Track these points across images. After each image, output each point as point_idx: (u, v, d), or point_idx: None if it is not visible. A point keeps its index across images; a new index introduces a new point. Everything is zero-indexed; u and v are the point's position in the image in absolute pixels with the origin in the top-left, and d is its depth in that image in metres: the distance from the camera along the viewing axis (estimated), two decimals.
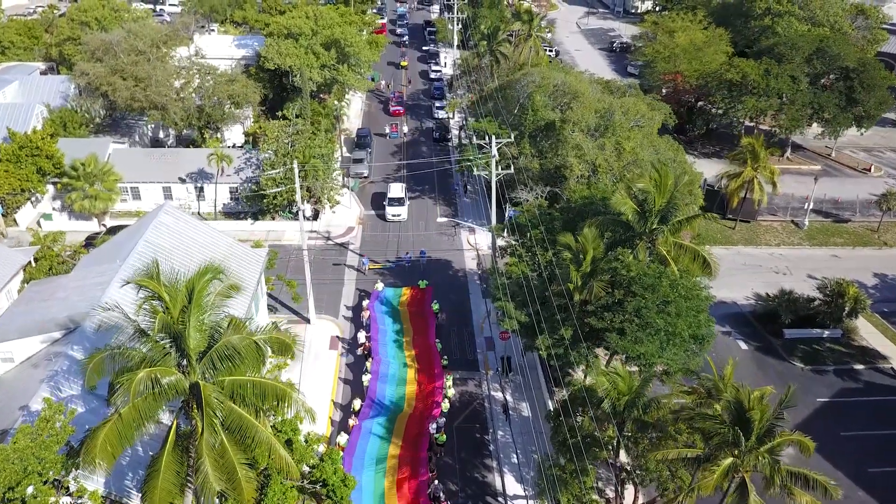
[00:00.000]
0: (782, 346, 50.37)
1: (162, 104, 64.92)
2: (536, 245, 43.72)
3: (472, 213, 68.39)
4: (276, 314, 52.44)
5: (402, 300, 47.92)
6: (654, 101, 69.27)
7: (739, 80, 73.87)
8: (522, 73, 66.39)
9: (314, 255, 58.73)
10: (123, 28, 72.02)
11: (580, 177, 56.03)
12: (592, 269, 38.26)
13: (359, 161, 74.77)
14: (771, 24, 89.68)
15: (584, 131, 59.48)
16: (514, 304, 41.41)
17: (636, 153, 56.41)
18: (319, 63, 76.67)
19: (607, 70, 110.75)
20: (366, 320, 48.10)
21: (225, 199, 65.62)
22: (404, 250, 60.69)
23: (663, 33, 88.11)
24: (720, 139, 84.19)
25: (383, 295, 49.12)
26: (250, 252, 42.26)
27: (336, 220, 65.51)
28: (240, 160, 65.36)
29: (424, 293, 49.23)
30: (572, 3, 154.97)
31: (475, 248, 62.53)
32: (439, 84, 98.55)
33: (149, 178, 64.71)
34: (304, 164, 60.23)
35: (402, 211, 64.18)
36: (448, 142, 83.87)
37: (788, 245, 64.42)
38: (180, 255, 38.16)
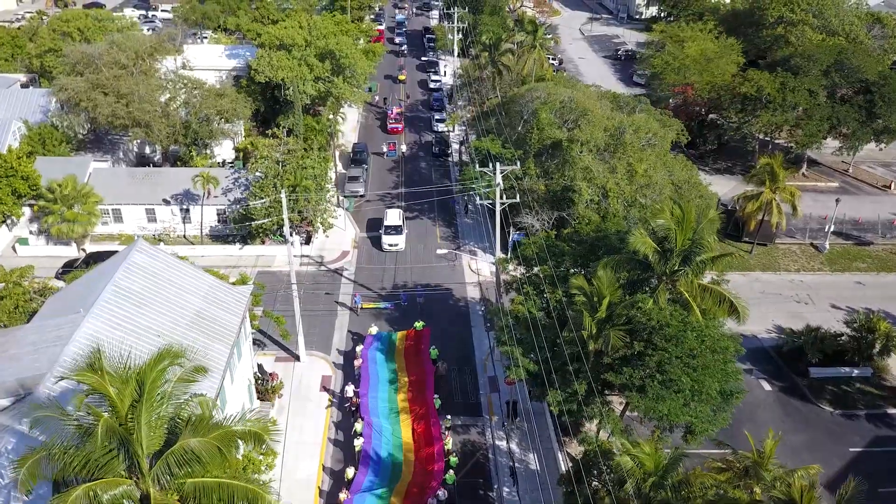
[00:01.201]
0: (808, 386, 46.77)
1: (145, 121, 61.25)
2: (545, 283, 40.14)
3: (473, 235, 64.78)
4: (263, 351, 48.86)
5: (397, 348, 44.01)
6: (664, 116, 65.75)
7: (754, 94, 70.30)
8: (527, 89, 62.80)
9: (305, 285, 55.16)
10: (106, 40, 68.36)
11: (589, 201, 52.45)
12: (608, 315, 34.66)
13: (354, 179, 71.13)
14: (784, 33, 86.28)
15: (592, 151, 55.96)
16: (521, 350, 37.82)
17: (649, 176, 52.84)
18: (313, 75, 73.09)
19: (612, 79, 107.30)
20: (357, 370, 44.29)
21: (212, 222, 61.97)
22: (401, 283, 56.98)
23: (672, 43, 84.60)
24: (732, 154, 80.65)
25: (377, 343, 45.18)
26: (233, 292, 38.61)
27: (330, 244, 61.86)
28: (228, 180, 61.75)
29: (421, 337, 45.33)
30: (575, 9, 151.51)
31: (477, 275, 58.90)
32: (439, 95, 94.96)
33: (131, 199, 61.07)
34: (294, 186, 56.66)
35: (399, 240, 60.28)
36: (448, 157, 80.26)
37: (809, 271, 60.83)
38: (153, 300, 34.52)
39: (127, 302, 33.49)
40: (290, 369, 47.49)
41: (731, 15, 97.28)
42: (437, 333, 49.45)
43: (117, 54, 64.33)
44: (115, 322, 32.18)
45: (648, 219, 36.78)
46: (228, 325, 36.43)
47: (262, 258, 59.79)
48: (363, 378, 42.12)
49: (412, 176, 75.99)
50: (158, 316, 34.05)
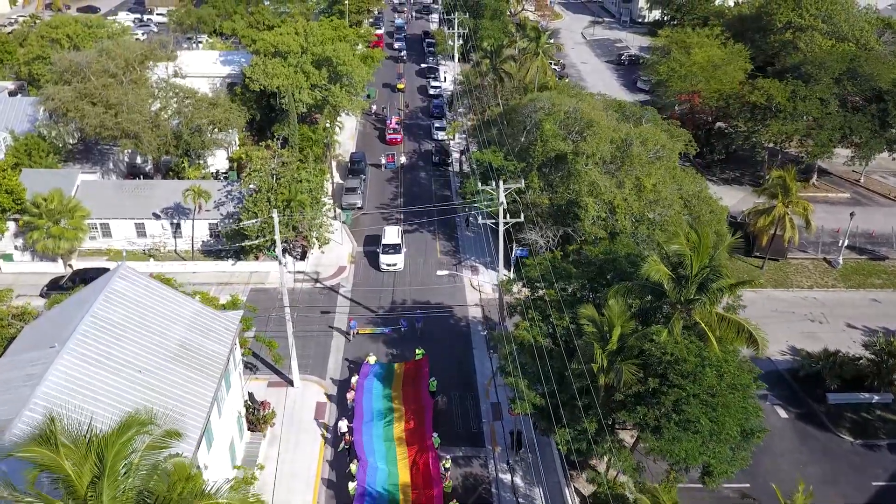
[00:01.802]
0: (827, 413, 44.61)
1: (134, 132, 59.09)
2: (551, 308, 38.00)
3: (474, 249, 62.62)
4: (255, 375, 46.71)
5: (395, 381, 41.66)
6: (672, 126, 63.61)
7: (764, 103, 68.15)
8: (530, 99, 60.63)
9: (300, 305, 53.04)
10: (96, 47, 66.22)
11: (596, 218, 50.29)
12: (620, 347, 32.52)
13: (352, 190, 68.93)
14: (792, 38, 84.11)
15: (598, 164, 53.83)
16: (527, 381, 35.68)
17: (658, 191, 50.69)
18: (309, 83, 70.96)
19: (615, 85, 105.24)
20: (350, 403, 42.00)
21: (204, 236, 59.82)
22: (399, 301, 54.82)
23: (678, 49, 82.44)
24: (740, 163, 78.46)
25: (373, 374, 42.78)
26: (221, 319, 36.45)
27: (325, 260, 59.70)
28: (220, 193, 59.62)
29: (420, 367, 42.99)
30: (576, 12, 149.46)
31: (478, 291, 56.73)
32: (439, 102, 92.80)
33: (120, 213, 58.93)
34: (289, 201, 54.52)
35: (398, 260, 57.80)
36: (448, 166, 78.10)
37: (822, 287, 58.67)
38: (134, 331, 32.37)
39: (105, 334, 31.34)
40: (284, 395, 45.34)
41: (738, 20, 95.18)
42: (436, 356, 47.33)
43: (106, 62, 62.21)
44: (92, 358, 30.03)
45: (663, 244, 34.62)
46: (215, 356, 34.27)
47: (256, 275, 57.63)
48: (357, 412, 39.84)
49: (411, 186, 73.84)
50: (139, 349, 31.90)
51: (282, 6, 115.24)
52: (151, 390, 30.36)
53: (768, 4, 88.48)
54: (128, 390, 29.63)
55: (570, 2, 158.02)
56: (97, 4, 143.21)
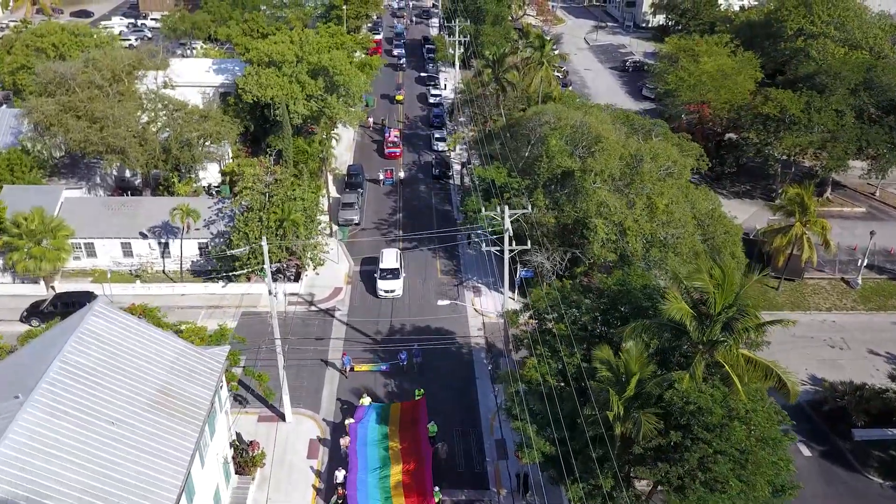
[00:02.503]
0: (853, 451, 41.92)
1: (120, 147, 56.41)
2: (561, 343, 35.35)
3: (476, 269, 59.92)
4: (245, 408, 44.01)
5: (390, 429, 38.72)
6: (683, 140, 60.96)
7: (777, 115, 65.53)
8: (534, 112, 57.97)
9: (294, 327, 50.43)
10: (81, 57, 63.55)
11: (605, 240, 47.62)
12: (637, 393, 29.85)
13: (349, 206, 66.21)
14: (804, 46, 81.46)
15: (607, 182, 51.19)
16: (535, 427, 33.02)
17: (670, 212, 48.04)
18: (305, 94, 68.32)
19: (620, 93, 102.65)
20: (344, 450, 39.15)
21: (193, 256, 57.13)
22: (398, 327, 52.11)
23: (686, 57, 79.83)
24: (751, 175, 75.81)
25: (368, 418, 39.78)
26: (205, 359, 33.74)
27: (321, 281, 56.96)
28: (211, 211, 56.95)
29: (418, 409, 40.07)
30: (579, 17, 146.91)
31: (481, 315, 54.06)
32: (439, 111, 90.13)
33: (105, 232, 56.23)
34: (282, 221, 51.86)
35: (396, 286, 54.74)
36: (449, 178, 75.43)
37: (841, 310, 56.02)
38: (109, 377, 29.68)
39: (76, 382, 28.64)
40: (275, 430, 42.66)
41: (746, 26, 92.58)
42: (436, 389, 44.82)
43: (92, 73, 59.51)
44: (60, 409, 27.33)
45: (684, 280, 31.98)
46: (198, 402, 31.56)
47: (248, 297, 54.83)
48: (352, 463, 36.97)
49: (411, 201, 71.16)
50: (114, 396, 29.21)
51: (279, 11, 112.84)
52: (125, 444, 27.69)
53: (778, 11, 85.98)
54: (99, 446, 26.97)
55: (572, 6, 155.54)
56: (91, 8, 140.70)
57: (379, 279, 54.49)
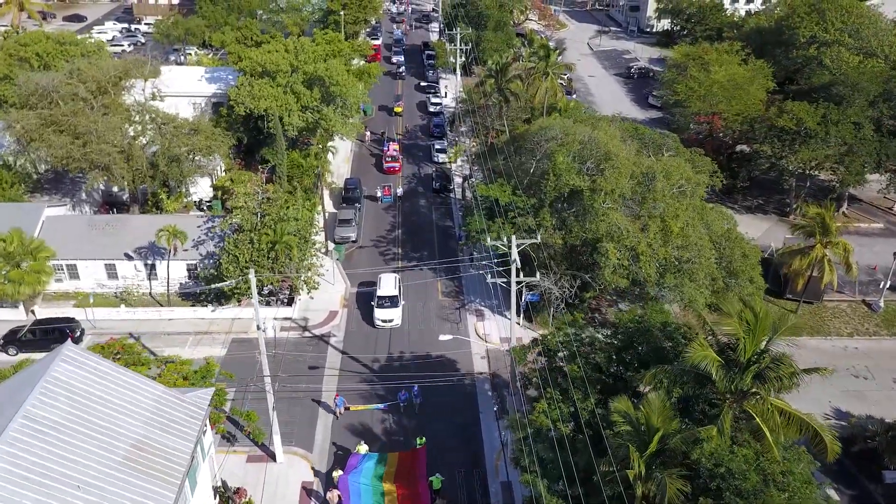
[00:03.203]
0: (885, 495, 39.11)
1: (105, 164, 53.61)
2: (573, 386, 32.57)
3: (479, 290, 57.08)
4: (233, 447, 41.15)
5: (386, 486, 35.59)
6: (695, 155, 58.22)
7: (793, 128, 62.74)
8: (540, 127, 55.19)
9: (286, 354, 47.68)
10: (66, 68, 60.76)
11: (618, 266, 44.80)
12: (660, 450, 27.06)
13: (346, 222, 63.39)
14: (817, 54, 78.71)
15: (618, 201, 48.42)
16: (546, 479, 30.22)
17: (686, 235, 45.25)
18: (300, 105, 65.57)
19: (626, 100, 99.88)
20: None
21: (182, 278, 54.30)
22: (396, 354, 49.30)
23: (695, 66, 77.01)
24: (763, 189, 73.01)
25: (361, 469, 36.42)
26: (186, 406, 30.91)
27: (315, 303, 54.14)
28: (200, 230, 54.17)
29: (417, 460, 36.97)
30: (582, 21, 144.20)
31: (485, 341, 51.23)
32: (439, 120, 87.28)
33: (89, 253, 53.39)
34: (274, 243, 49.05)
35: (395, 315, 51.57)
36: (450, 192, 72.61)
37: (863, 335, 53.21)
38: (77, 432, 26.88)
39: (39, 440, 25.84)
40: (264, 472, 39.81)
41: (756, 32, 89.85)
42: (437, 426, 41.99)
43: (76, 85, 56.72)
44: (19, 474, 24.53)
45: (712, 325, 29.24)
46: (177, 456, 28.72)
47: (239, 322, 52.05)
48: None
49: (410, 216, 68.35)
50: (82, 455, 26.38)
51: (275, 16, 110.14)
52: None
53: (790, 17, 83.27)
54: None
55: (574, 10, 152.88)
56: (84, 13, 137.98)
57: (376, 307, 51.39)
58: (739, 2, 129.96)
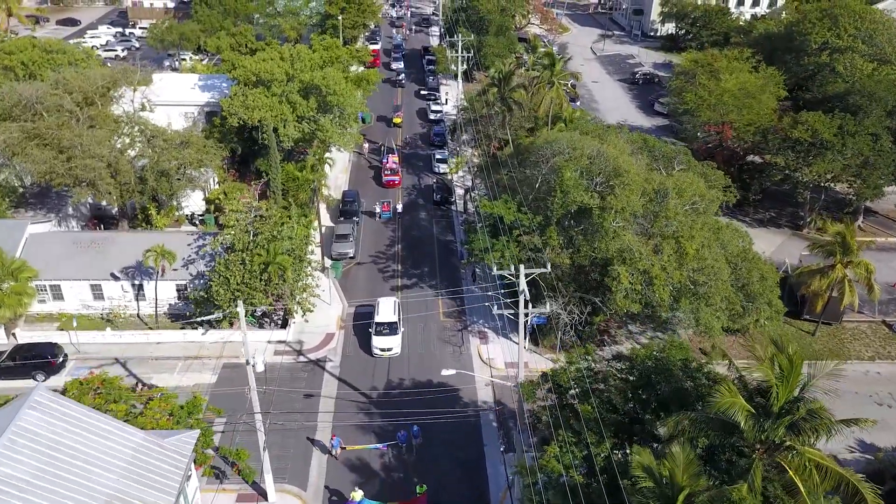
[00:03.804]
0: None
1: (90, 179, 51.17)
2: (586, 428, 30.16)
3: (482, 308, 54.52)
4: (223, 485, 38.71)
5: None
6: (708, 168, 55.84)
7: (808, 139, 60.33)
8: (545, 140, 52.77)
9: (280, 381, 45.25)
10: (51, 77, 58.34)
11: (630, 290, 42.34)
12: None
13: (343, 238, 60.91)
14: (829, 61, 76.35)
15: (629, 220, 45.99)
16: None
17: (702, 258, 42.80)
18: (295, 115, 63.21)
19: (631, 107, 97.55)
20: None
21: (171, 299, 51.86)
22: (395, 383, 46.81)
23: (704, 73, 74.58)
24: (775, 201, 70.49)
25: None
26: (167, 454, 28.50)
27: (311, 325, 51.62)
28: (190, 249, 51.74)
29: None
30: (584, 25, 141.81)
31: (489, 367, 48.78)
32: (440, 129, 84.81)
33: (73, 273, 50.92)
34: (267, 264, 46.60)
35: (394, 343, 48.72)
36: (451, 204, 70.16)
37: (885, 359, 50.78)
38: (45, 491, 24.39)
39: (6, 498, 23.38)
40: None
41: (765, 38, 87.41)
42: (439, 461, 39.47)
43: (62, 96, 54.30)
44: None
45: (742, 371, 26.83)
46: None
47: (230, 345, 49.54)
48: None
49: (410, 230, 65.89)
50: None
51: (272, 20, 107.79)
52: None
53: (801, 23, 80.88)
54: None
55: (577, 13, 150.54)
56: (78, 17, 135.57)
57: (374, 335, 48.60)
58: (745, 5, 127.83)
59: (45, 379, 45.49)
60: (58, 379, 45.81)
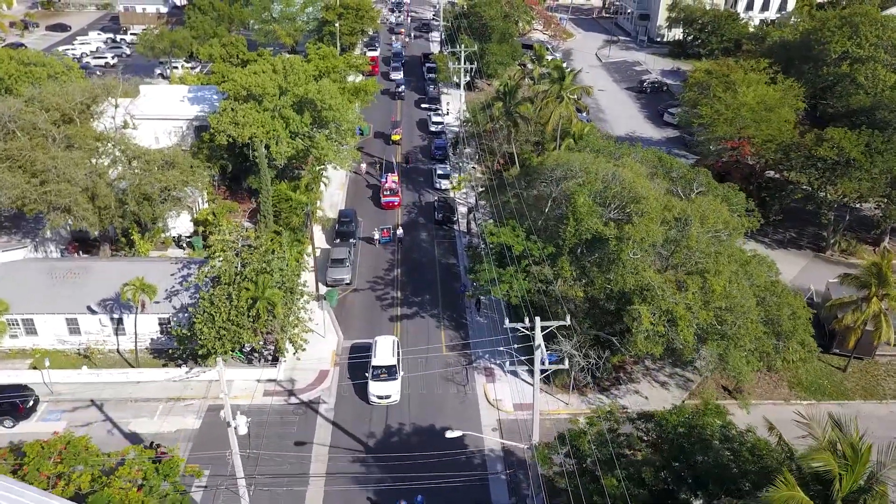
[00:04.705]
0: None
1: (64, 205, 47.49)
2: None
3: (487, 344, 50.83)
4: None
5: None
6: (730, 191, 52.20)
7: (834, 158, 56.70)
8: (555, 162, 49.08)
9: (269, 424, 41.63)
10: (27, 92, 54.66)
11: (651, 333, 38.64)
12: None
13: (339, 262, 57.17)
14: (850, 71, 72.78)
15: (648, 252, 42.35)
16: None
17: (730, 296, 39.10)
18: (289, 131, 59.57)
19: (639, 118, 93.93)
20: None
21: (153, 333, 48.17)
22: (395, 429, 43.05)
23: (719, 84, 70.90)
24: (795, 219, 66.70)
25: None
26: None
27: (304, 361, 47.90)
28: (175, 278, 48.07)
29: None
30: (589, 30, 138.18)
31: (496, 409, 45.05)
32: (441, 142, 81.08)
33: (48, 306, 47.20)
34: (255, 299, 42.91)
35: (392, 390, 44.57)
36: (453, 224, 66.41)
37: None
38: None
39: None
40: None
41: (781, 47, 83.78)
42: None
43: (36, 115, 50.62)
44: None
45: (800, 460, 23.21)
46: None
47: (216, 385, 45.82)
48: None
49: (411, 252, 62.15)
50: None
51: (267, 26, 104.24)
52: None
53: (819, 31, 77.27)
54: None
55: (581, 18, 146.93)
56: (68, 22, 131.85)
57: (371, 380, 44.52)
58: (753, 10, 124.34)
59: (13, 426, 41.86)
60: (28, 424, 42.25)
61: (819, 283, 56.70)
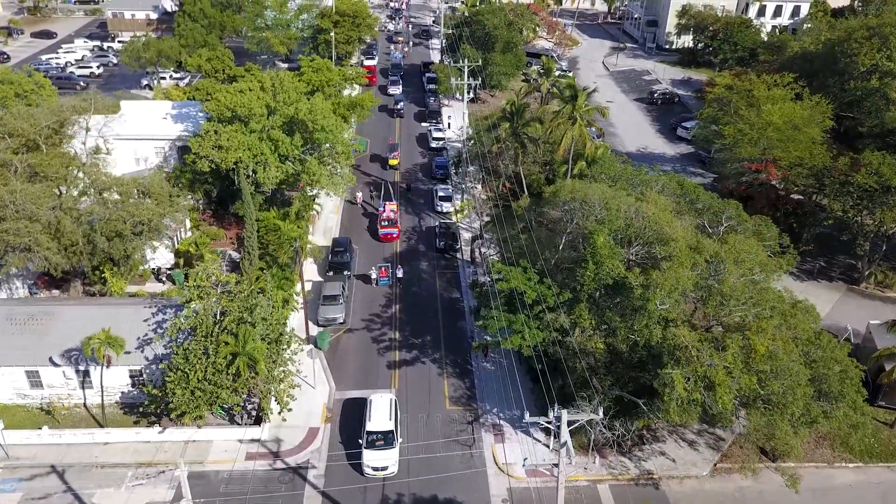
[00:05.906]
0: None
1: (24, 245, 42.62)
2: None
3: (496, 393, 46.03)
4: None
5: None
6: (762, 224, 47.34)
7: (874, 185, 51.91)
8: (570, 194, 44.20)
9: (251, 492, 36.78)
10: None
11: (686, 401, 33.78)
12: None
13: (331, 299, 52.27)
14: (879, 86, 67.91)
15: (679, 299, 37.57)
16: None
17: (776, 357, 34.26)
18: (277, 154, 54.78)
19: (650, 131, 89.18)
20: None
21: (124, 386, 43.29)
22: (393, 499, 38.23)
23: (741, 100, 66.03)
24: (825, 248, 61.85)
25: None
26: None
27: (291, 418, 42.89)
28: (148, 325, 43.19)
29: None
30: (594, 37, 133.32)
31: (506, 475, 40.17)
32: (442, 160, 76.18)
33: (5, 358, 42.32)
34: (234, 355, 38.05)
35: (390, 460, 39.44)
36: (456, 252, 61.54)
37: None
38: None
39: None
40: None
41: (802, 58, 78.84)
42: None
43: None
44: None
45: None
46: None
47: (193, 445, 41.13)
48: None
49: (410, 285, 57.26)
50: None
51: (259, 34, 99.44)
52: None
53: (845, 43, 72.32)
54: None
55: (586, 24, 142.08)
56: (54, 29, 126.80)
57: (365, 447, 39.50)
58: (766, 16, 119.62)
59: None
60: None
61: (855, 320, 52.01)
